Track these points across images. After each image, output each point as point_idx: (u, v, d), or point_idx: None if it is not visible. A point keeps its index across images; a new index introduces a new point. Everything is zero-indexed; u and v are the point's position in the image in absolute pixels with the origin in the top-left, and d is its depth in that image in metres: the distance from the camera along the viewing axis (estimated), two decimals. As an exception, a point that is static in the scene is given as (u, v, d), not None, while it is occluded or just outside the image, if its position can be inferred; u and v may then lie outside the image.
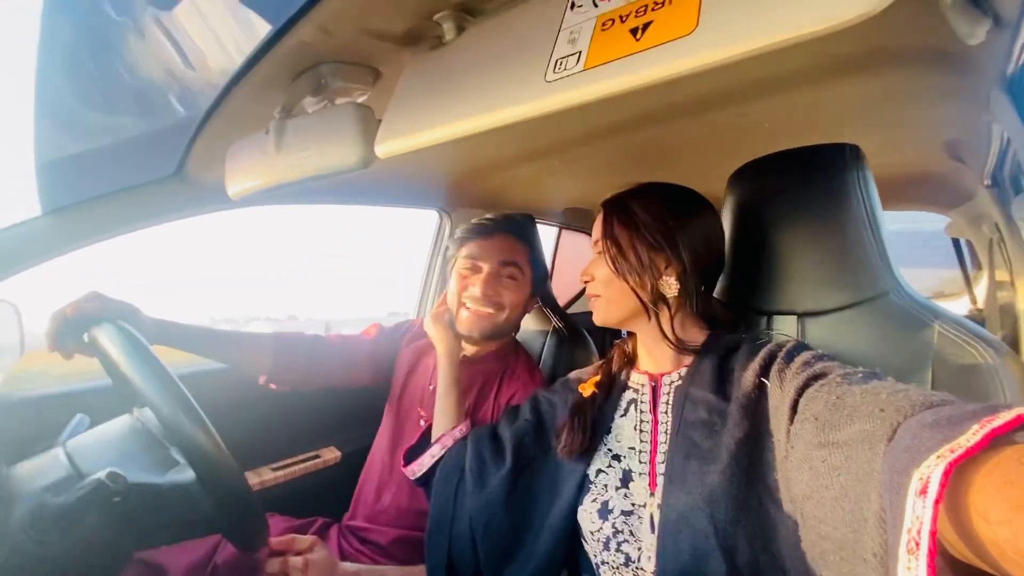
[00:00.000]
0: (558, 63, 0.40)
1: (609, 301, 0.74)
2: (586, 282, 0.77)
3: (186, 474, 0.62)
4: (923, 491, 0.31)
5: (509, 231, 1.04)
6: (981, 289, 2.08)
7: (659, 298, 0.70)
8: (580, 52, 0.40)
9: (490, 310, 0.98)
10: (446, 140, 0.47)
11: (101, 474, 0.55)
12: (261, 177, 0.63)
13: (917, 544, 0.31)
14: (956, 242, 2.20)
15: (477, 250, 1.02)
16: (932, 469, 0.32)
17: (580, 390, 0.78)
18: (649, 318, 0.72)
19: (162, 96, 0.79)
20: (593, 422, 0.74)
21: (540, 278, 1.08)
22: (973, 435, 0.32)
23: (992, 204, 1.44)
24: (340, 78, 0.62)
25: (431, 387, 1.03)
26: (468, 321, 0.99)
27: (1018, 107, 0.77)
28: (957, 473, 0.32)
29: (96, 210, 0.90)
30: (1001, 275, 1.69)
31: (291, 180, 0.59)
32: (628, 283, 0.71)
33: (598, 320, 0.77)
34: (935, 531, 0.30)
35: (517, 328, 1.08)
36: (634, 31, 0.37)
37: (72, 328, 0.77)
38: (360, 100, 0.65)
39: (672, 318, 0.72)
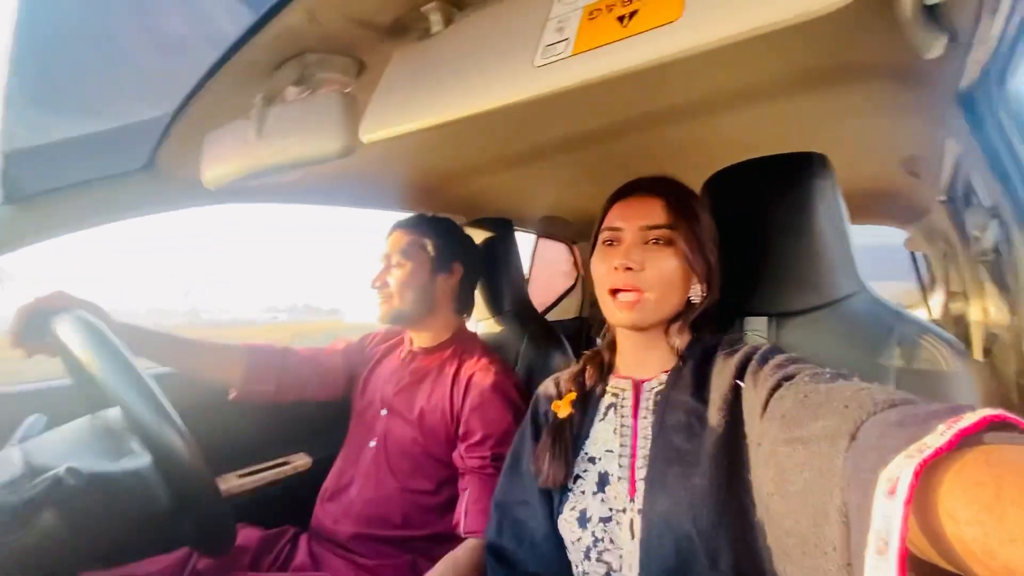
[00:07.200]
0: (546, 49, 0.41)
1: (660, 300, 0.67)
2: (628, 269, 0.65)
3: (141, 460, 0.58)
4: (892, 492, 0.31)
5: (399, 227, 1.13)
6: (936, 301, 2.18)
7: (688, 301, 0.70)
8: (568, 39, 0.41)
9: (381, 297, 1.08)
10: (433, 126, 0.47)
11: (59, 470, 0.52)
12: (240, 164, 0.61)
13: (887, 545, 0.31)
14: (914, 256, 2.30)
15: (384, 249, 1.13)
16: (901, 469, 0.31)
17: (555, 409, 0.74)
18: (681, 321, 0.70)
19: (137, 86, 0.77)
20: (573, 443, 0.71)
21: (447, 254, 1.12)
22: (941, 435, 0.32)
23: (946, 219, 1.52)
24: (324, 68, 0.62)
25: (393, 381, 1.10)
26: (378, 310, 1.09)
27: (970, 122, 0.82)
28: (924, 474, 0.31)
29: (61, 202, 0.86)
30: (955, 287, 1.77)
31: (272, 167, 0.58)
32: (696, 281, 0.68)
33: (636, 321, 0.67)
34: (906, 533, 0.30)
35: (430, 308, 1.10)
36: (620, 19, 0.38)
37: (36, 323, 0.74)
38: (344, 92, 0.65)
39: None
